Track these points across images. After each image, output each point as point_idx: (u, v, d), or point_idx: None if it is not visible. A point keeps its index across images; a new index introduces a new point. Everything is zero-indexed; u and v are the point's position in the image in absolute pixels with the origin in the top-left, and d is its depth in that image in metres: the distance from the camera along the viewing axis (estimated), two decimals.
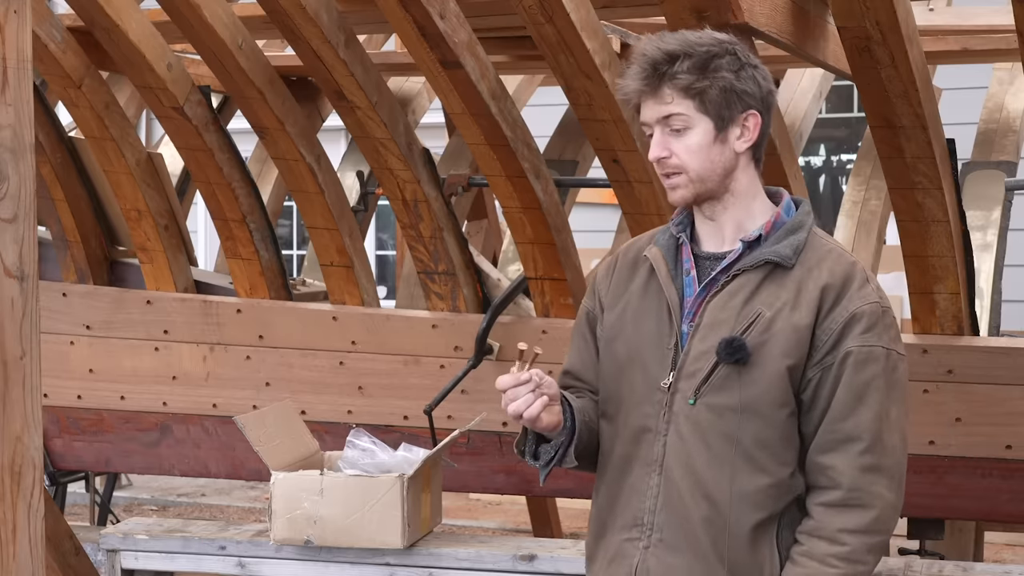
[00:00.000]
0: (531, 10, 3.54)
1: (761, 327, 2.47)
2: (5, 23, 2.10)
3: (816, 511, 2.48)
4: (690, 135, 2.51)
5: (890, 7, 3.18)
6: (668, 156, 2.53)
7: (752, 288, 2.51)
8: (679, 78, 2.48)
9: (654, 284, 2.60)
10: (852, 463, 2.45)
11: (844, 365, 2.46)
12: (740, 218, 2.57)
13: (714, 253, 2.58)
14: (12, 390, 2.12)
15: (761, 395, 2.47)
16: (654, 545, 2.52)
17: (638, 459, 2.56)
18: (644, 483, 2.54)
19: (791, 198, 2.63)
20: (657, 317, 2.57)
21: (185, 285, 5.00)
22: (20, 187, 2.12)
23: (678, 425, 2.51)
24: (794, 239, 2.54)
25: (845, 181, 10.03)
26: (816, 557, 2.44)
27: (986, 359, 4.10)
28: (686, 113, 2.50)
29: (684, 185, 2.54)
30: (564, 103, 4.22)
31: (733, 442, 2.48)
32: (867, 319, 2.47)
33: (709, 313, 2.52)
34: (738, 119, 2.52)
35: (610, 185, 4.21)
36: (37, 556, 2.18)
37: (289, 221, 11.66)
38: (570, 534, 7.27)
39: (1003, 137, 4.96)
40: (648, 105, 2.53)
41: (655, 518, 2.52)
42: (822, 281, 2.49)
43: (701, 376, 2.49)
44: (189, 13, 4.08)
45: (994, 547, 7.31)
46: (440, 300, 4.64)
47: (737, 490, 2.47)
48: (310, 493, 3.69)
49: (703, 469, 2.49)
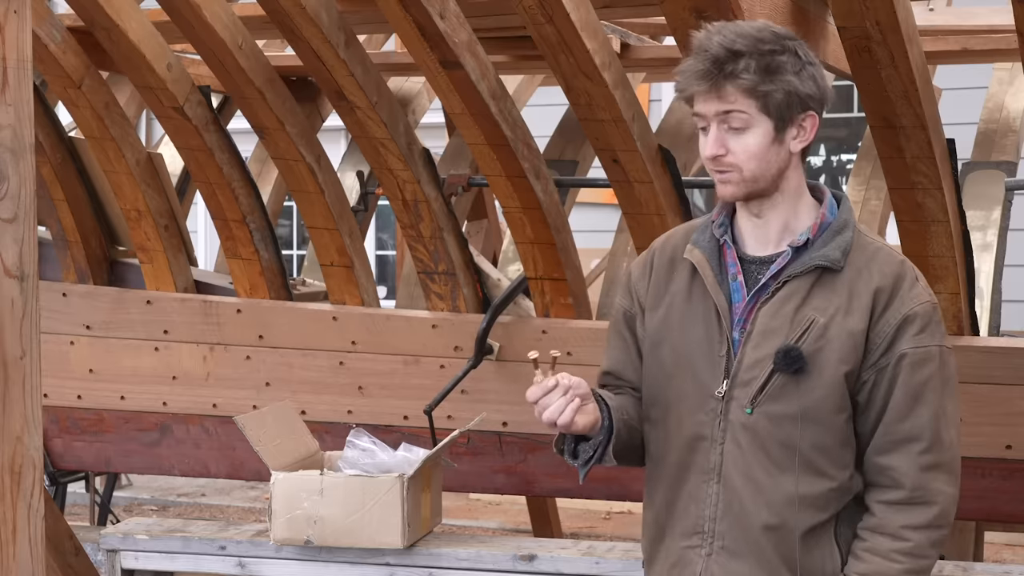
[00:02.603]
0: (531, 10, 3.54)
1: (816, 334, 2.46)
2: (5, 23, 2.09)
3: (878, 509, 2.48)
4: (749, 135, 2.47)
5: (890, 7, 3.18)
6: (724, 154, 2.48)
7: (803, 294, 2.49)
8: (743, 79, 2.42)
9: (698, 288, 2.56)
10: (913, 463, 2.46)
11: (900, 367, 2.46)
12: (787, 218, 2.54)
13: (760, 257, 2.55)
14: (12, 390, 2.12)
15: (820, 403, 2.46)
16: (716, 553, 2.52)
17: (694, 467, 2.54)
18: (702, 491, 2.53)
19: (832, 194, 2.60)
20: (705, 323, 2.54)
21: (185, 285, 5.00)
22: (20, 187, 2.12)
23: (735, 434, 2.50)
24: (841, 240, 2.51)
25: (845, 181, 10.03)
26: (880, 553, 2.45)
27: (986, 359, 4.10)
28: (747, 112, 2.45)
29: (736, 183, 2.50)
30: (564, 103, 4.22)
31: (793, 450, 2.47)
32: (920, 320, 2.47)
33: (761, 320, 2.49)
34: (796, 120, 2.49)
35: (610, 185, 4.21)
36: (37, 556, 2.17)
37: (289, 221, 11.66)
38: (570, 534, 7.28)
39: (1003, 137, 4.95)
40: (707, 99, 2.47)
41: (716, 526, 2.52)
42: (874, 284, 2.48)
43: (757, 385, 2.48)
44: (189, 13, 4.08)
45: (994, 547, 7.31)
46: (440, 300, 4.64)
47: (798, 496, 2.47)
48: (310, 493, 3.69)
49: (763, 477, 2.48)
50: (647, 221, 4.19)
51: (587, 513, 8.30)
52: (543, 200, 4.30)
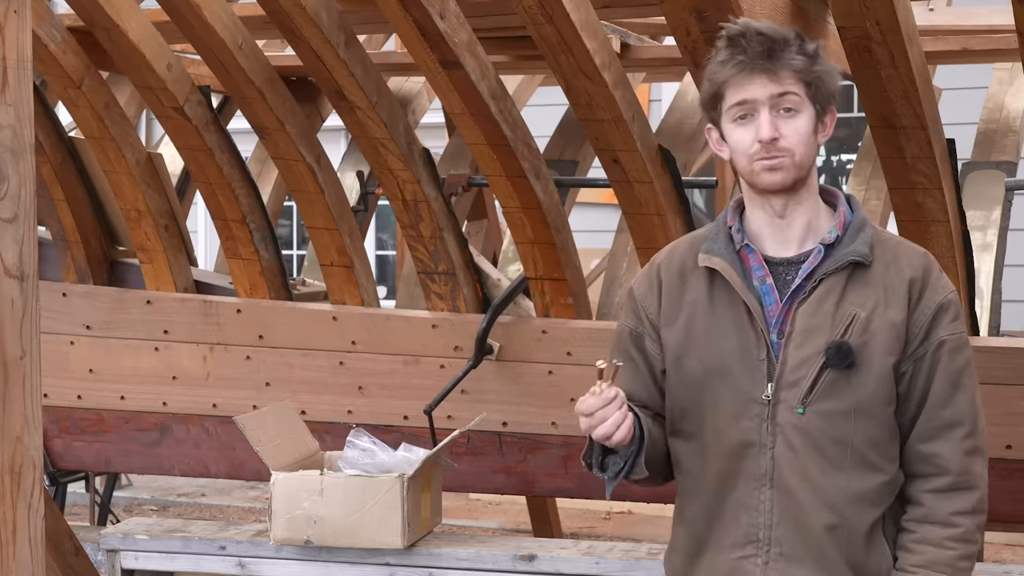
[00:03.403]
0: (531, 10, 3.54)
1: (859, 328, 2.46)
2: (5, 23, 2.10)
3: (926, 498, 2.49)
4: (800, 119, 2.47)
5: (890, 7, 3.18)
6: (779, 138, 2.46)
7: (840, 291, 2.49)
8: (796, 60, 2.44)
9: (720, 294, 2.54)
10: (957, 448, 2.47)
11: (939, 353, 2.48)
12: (811, 216, 2.54)
13: (786, 258, 2.53)
14: (12, 390, 2.12)
15: (871, 396, 2.46)
16: (774, 560, 2.49)
17: (743, 474, 2.51)
18: (754, 498, 2.50)
19: (844, 195, 2.61)
20: (737, 329, 2.52)
21: (185, 285, 5.00)
22: (20, 187, 2.12)
23: (786, 436, 2.48)
24: (865, 236, 2.53)
25: (845, 181, 10.03)
26: (932, 542, 2.46)
27: (986, 359, 4.09)
28: (800, 95, 2.46)
29: (787, 168, 2.47)
30: (564, 103, 4.22)
31: (847, 446, 2.46)
32: (953, 308, 2.51)
33: (800, 320, 2.48)
34: (827, 111, 2.52)
35: (610, 185, 4.21)
36: (37, 556, 2.18)
37: (289, 221, 11.66)
38: (570, 534, 7.28)
39: (1003, 137, 4.96)
40: (759, 82, 2.44)
41: (772, 532, 2.49)
42: (906, 275, 2.50)
43: (806, 384, 2.47)
44: (189, 13, 4.08)
45: (994, 547, 7.31)
46: (440, 300, 4.64)
47: (855, 493, 2.47)
48: (310, 493, 3.69)
49: (820, 477, 2.47)
50: (647, 221, 4.19)
51: (587, 513, 8.30)
52: (543, 200, 4.30)
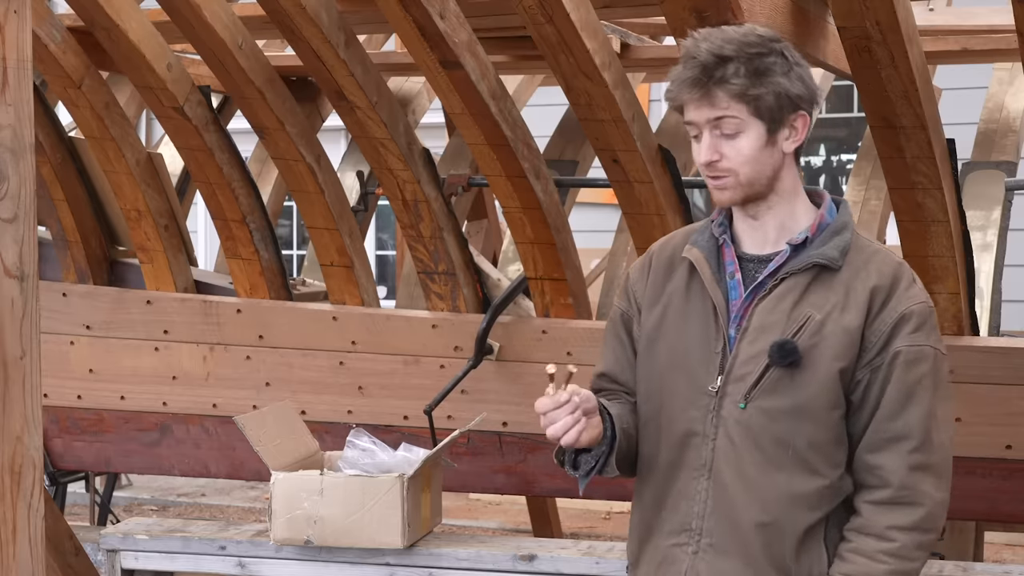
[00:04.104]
0: (531, 10, 3.54)
1: (812, 330, 2.46)
2: (5, 23, 2.10)
3: (865, 509, 2.48)
4: (742, 139, 2.47)
5: (890, 7, 3.18)
6: (718, 159, 2.49)
7: (800, 291, 2.49)
8: (733, 83, 2.43)
9: (696, 286, 2.57)
10: (902, 462, 2.45)
11: (894, 365, 2.46)
12: (783, 218, 2.55)
13: (758, 255, 2.56)
14: (12, 390, 2.12)
15: (813, 398, 2.46)
16: (703, 550, 2.51)
17: (685, 464, 2.54)
18: (692, 488, 2.53)
19: (832, 198, 2.61)
20: (702, 320, 2.55)
21: (185, 285, 5.00)
22: (20, 187, 2.12)
23: (728, 429, 2.49)
24: (839, 240, 2.52)
25: (845, 181, 10.03)
26: (865, 553, 2.44)
27: (986, 359, 4.10)
28: (739, 117, 2.46)
29: (732, 187, 2.51)
30: (564, 103, 4.22)
31: (786, 446, 2.47)
32: (916, 319, 2.48)
33: (757, 317, 2.50)
34: (788, 120, 2.50)
35: (610, 185, 4.21)
36: (37, 556, 2.18)
37: (289, 221, 11.66)
38: (570, 534, 7.28)
39: (1003, 137, 4.96)
40: (699, 107, 2.48)
41: (704, 523, 2.51)
42: (871, 282, 2.48)
43: (751, 380, 2.48)
44: (189, 13, 4.08)
45: (994, 547, 7.31)
46: (440, 300, 4.64)
47: (791, 494, 2.47)
48: (310, 493, 3.69)
49: (755, 473, 2.48)
50: (647, 221, 4.19)
51: (587, 513, 8.30)
52: (543, 200, 4.30)
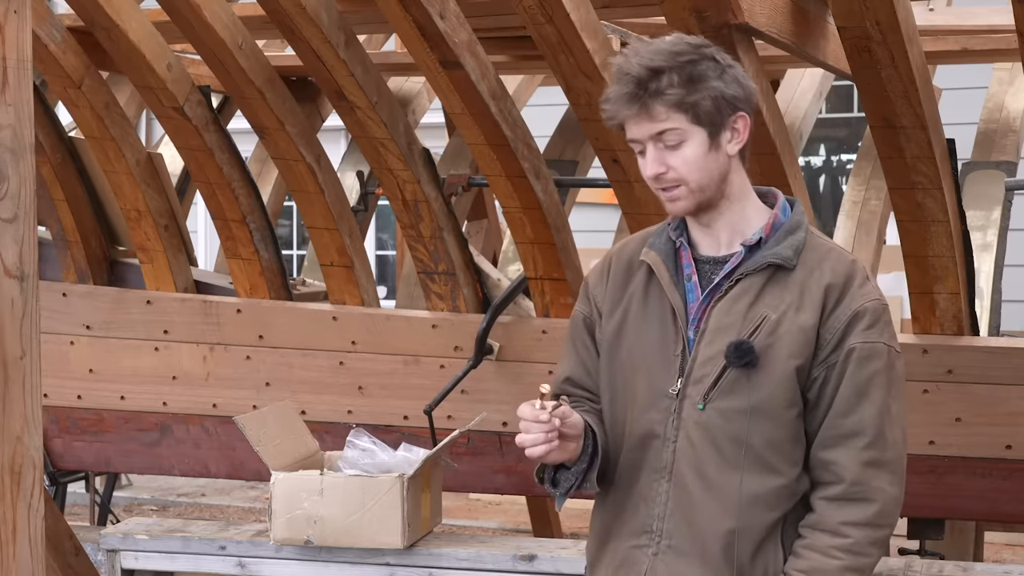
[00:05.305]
0: (531, 10, 3.54)
1: (767, 329, 2.48)
2: (5, 23, 2.10)
3: (818, 505, 2.49)
4: (686, 148, 2.49)
5: (890, 7, 3.18)
6: (665, 171, 2.51)
7: (756, 291, 2.51)
8: (669, 94, 2.45)
9: (655, 289, 2.59)
10: (854, 458, 2.46)
11: (848, 362, 2.47)
12: (735, 221, 2.57)
13: (714, 257, 2.58)
14: (12, 390, 2.12)
15: (770, 397, 2.47)
16: (663, 552, 2.53)
17: (645, 466, 2.56)
18: (653, 490, 2.54)
19: (786, 198, 2.63)
20: (661, 323, 2.57)
21: (185, 285, 5.00)
22: (20, 187, 2.13)
23: (688, 431, 2.51)
24: (793, 240, 2.54)
25: (845, 181, 10.03)
26: (819, 549, 2.45)
27: (986, 359, 4.10)
28: (680, 127, 2.48)
29: (685, 197, 2.53)
30: (564, 103, 4.22)
31: (743, 445, 2.48)
32: (869, 316, 2.49)
33: (714, 318, 2.52)
34: (728, 123, 2.51)
35: (610, 185, 4.21)
36: (37, 556, 2.18)
37: (289, 221, 11.66)
38: (570, 534, 7.27)
39: (1003, 137, 4.96)
40: (638, 122, 2.50)
41: (664, 524, 2.53)
42: (825, 280, 2.50)
43: (709, 381, 2.50)
44: (189, 13, 4.08)
45: (994, 547, 7.32)
46: (440, 300, 4.64)
47: (750, 494, 2.48)
48: (310, 493, 3.69)
49: (715, 475, 2.49)
50: (647, 221, 4.18)
51: (587, 513, 8.26)
52: (543, 200, 4.30)
